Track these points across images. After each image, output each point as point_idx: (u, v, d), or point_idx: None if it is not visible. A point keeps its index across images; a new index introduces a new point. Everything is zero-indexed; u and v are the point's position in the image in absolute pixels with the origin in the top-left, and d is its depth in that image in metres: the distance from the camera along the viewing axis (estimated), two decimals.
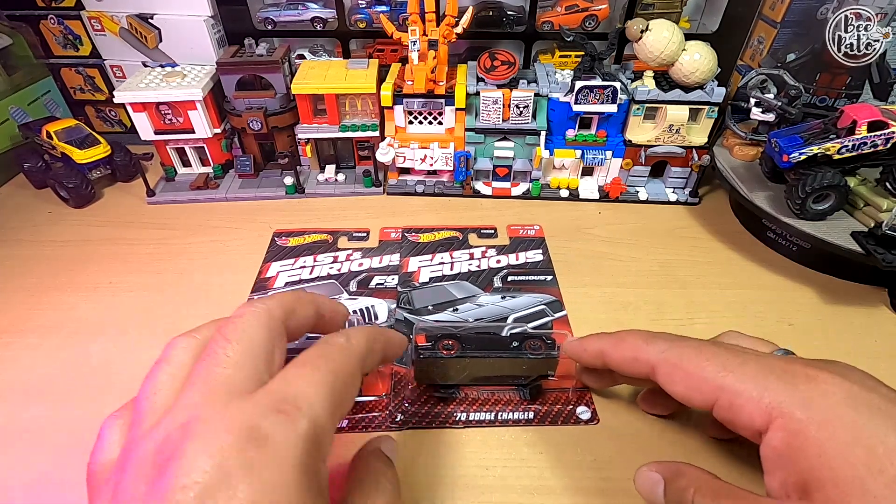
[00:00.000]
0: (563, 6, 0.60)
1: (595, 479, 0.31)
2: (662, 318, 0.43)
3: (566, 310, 0.43)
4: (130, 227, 0.54)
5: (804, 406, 0.22)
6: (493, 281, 0.46)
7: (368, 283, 0.46)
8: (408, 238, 0.51)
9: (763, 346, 0.30)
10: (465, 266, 0.47)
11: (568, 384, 0.36)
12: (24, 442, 0.34)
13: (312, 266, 0.47)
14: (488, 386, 0.36)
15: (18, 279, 0.47)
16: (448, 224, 0.53)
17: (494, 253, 0.49)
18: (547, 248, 0.50)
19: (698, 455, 0.32)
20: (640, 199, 0.57)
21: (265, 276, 0.47)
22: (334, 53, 0.65)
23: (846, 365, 0.25)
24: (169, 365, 0.22)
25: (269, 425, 0.18)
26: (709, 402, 0.25)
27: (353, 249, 0.50)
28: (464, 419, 0.34)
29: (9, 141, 0.61)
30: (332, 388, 0.21)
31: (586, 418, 0.35)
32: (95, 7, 0.58)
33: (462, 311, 0.42)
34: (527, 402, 0.35)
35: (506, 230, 0.52)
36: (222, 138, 0.59)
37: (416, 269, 0.47)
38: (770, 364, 0.25)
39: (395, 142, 0.55)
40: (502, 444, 0.33)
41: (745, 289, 0.46)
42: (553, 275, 0.46)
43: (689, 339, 0.29)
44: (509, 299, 0.43)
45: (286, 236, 0.51)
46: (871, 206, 0.43)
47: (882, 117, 0.41)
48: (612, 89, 0.51)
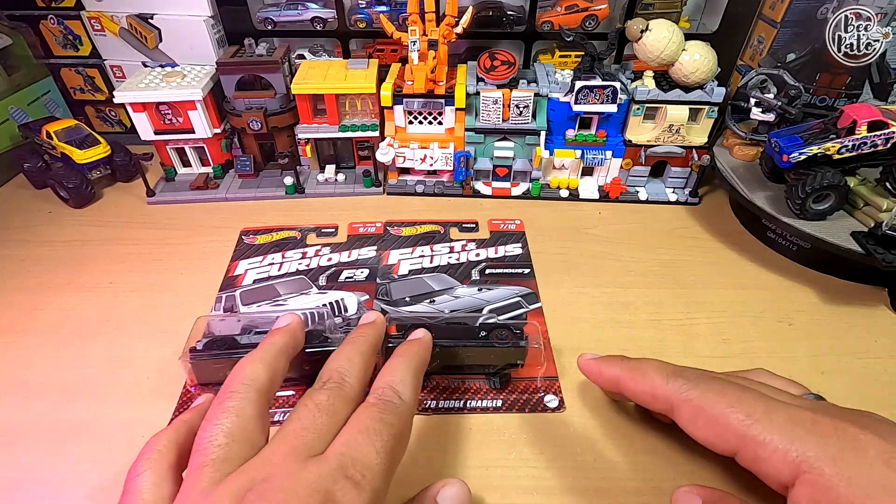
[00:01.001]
0: (563, 6, 0.60)
1: (595, 479, 0.31)
2: (662, 318, 0.43)
3: (542, 302, 0.44)
4: (130, 227, 0.54)
5: (833, 461, 0.21)
6: (472, 274, 0.47)
7: (338, 277, 0.46)
8: (390, 232, 0.52)
9: (793, 387, 0.29)
10: (445, 259, 0.48)
11: (536, 373, 0.37)
12: (25, 442, 0.34)
13: (281, 263, 0.48)
14: (459, 375, 0.37)
15: (18, 279, 0.47)
16: (431, 218, 0.53)
17: (474, 246, 0.50)
18: (526, 242, 0.50)
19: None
20: (640, 199, 0.57)
21: (233, 274, 0.47)
22: (334, 53, 0.65)
23: (879, 417, 0.24)
24: (229, 416, 0.23)
25: (339, 491, 0.20)
26: (732, 450, 0.25)
27: (322, 245, 0.50)
28: (433, 406, 0.35)
29: (9, 141, 0.61)
30: (391, 452, 0.23)
31: (554, 406, 0.35)
32: (95, 7, 0.58)
33: (439, 302, 0.43)
34: (496, 390, 0.36)
35: (487, 224, 0.53)
36: (222, 138, 0.59)
37: (396, 261, 0.48)
38: (798, 415, 0.24)
39: (395, 142, 0.55)
40: (502, 443, 0.33)
41: (745, 289, 0.46)
42: (531, 268, 0.47)
43: (712, 378, 0.27)
44: (486, 291, 0.44)
45: (253, 234, 0.52)
46: (871, 206, 0.43)
47: (882, 117, 0.41)
48: (612, 89, 0.51)
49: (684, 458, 0.32)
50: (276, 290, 0.45)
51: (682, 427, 0.27)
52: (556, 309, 0.43)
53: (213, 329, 0.37)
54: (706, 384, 0.26)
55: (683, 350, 0.40)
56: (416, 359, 0.29)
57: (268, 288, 0.45)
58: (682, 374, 0.28)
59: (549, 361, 0.39)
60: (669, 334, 0.41)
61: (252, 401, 0.24)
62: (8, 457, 0.33)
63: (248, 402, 0.24)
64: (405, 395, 0.26)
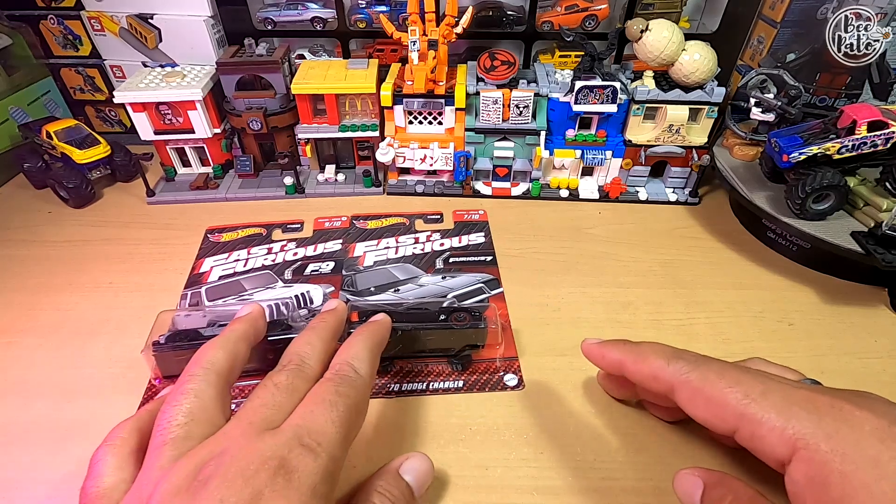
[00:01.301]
0: (562, 6, 0.60)
1: (595, 479, 0.31)
2: (662, 318, 0.43)
3: (503, 287, 0.45)
4: (130, 227, 0.54)
5: (828, 438, 0.22)
6: (436, 263, 0.48)
7: (303, 270, 0.47)
8: (356, 225, 0.52)
9: (790, 374, 0.29)
10: (410, 250, 0.49)
11: (496, 354, 0.38)
12: (25, 442, 0.34)
13: (246, 259, 0.49)
14: (422, 358, 0.38)
15: (18, 279, 0.47)
16: (395, 211, 0.55)
17: (439, 237, 0.51)
18: (489, 231, 0.52)
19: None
20: (640, 199, 0.57)
21: (198, 271, 0.47)
22: (334, 53, 0.65)
23: (874, 396, 0.24)
24: (188, 398, 0.24)
25: (294, 458, 0.21)
26: (730, 429, 0.25)
27: (287, 240, 0.51)
28: (396, 390, 0.36)
29: (9, 141, 0.61)
30: (347, 422, 0.24)
31: (513, 385, 0.37)
32: (95, 7, 0.58)
33: (403, 291, 0.44)
34: (458, 372, 0.37)
35: (451, 215, 0.54)
36: (222, 138, 0.59)
37: (361, 253, 0.49)
38: (794, 393, 0.24)
39: (395, 142, 0.55)
40: (502, 443, 0.33)
41: (745, 289, 0.46)
42: (493, 255, 0.49)
43: (712, 360, 0.28)
44: (449, 279, 0.45)
45: (219, 232, 0.52)
46: (870, 205, 0.43)
47: (882, 117, 0.41)
48: (612, 89, 0.51)
49: (685, 457, 0.32)
50: (241, 286, 0.45)
51: (682, 407, 0.27)
52: (557, 309, 0.43)
53: (178, 325, 0.37)
54: (706, 366, 0.27)
55: None
56: (374, 337, 0.30)
57: (233, 283, 0.45)
58: (683, 356, 0.28)
59: (510, 342, 0.40)
60: (669, 334, 0.41)
61: (211, 383, 0.25)
62: (8, 457, 0.33)
63: (208, 384, 0.25)
64: (361, 369, 0.27)
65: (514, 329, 0.41)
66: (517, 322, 0.42)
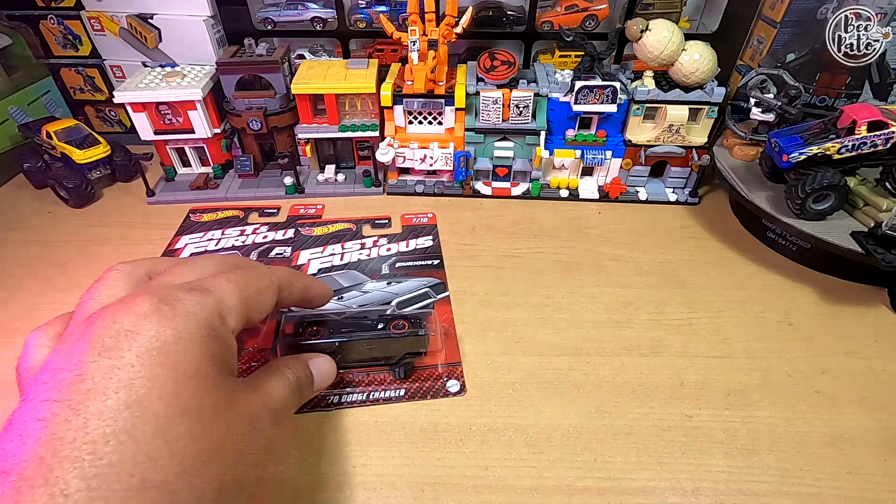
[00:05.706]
0: (562, 6, 0.60)
1: (595, 479, 0.31)
2: (662, 318, 0.43)
3: (449, 291, 0.45)
4: (130, 227, 0.54)
5: None
6: (382, 268, 0.47)
7: (268, 252, 0.49)
8: (301, 233, 0.52)
9: None
10: (356, 256, 0.49)
11: (438, 361, 0.38)
12: None
13: (219, 238, 0.51)
14: (363, 368, 0.37)
15: (18, 279, 0.47)
16: (344, 217, 0.55)
17: (386, 242, 0.51)
18: (438, 234, 0.51)
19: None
20: (640, 199, 0.57)
21: (173, 247, 0.49)
22: (334, 53, 0.65)
23: None
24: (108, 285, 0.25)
25: (182, 294, 0.23)
26: None
27: (260, 224, 0.53)
28: (336, 402, 0.35)
29: (9, 141, 0.61)
30: (244, 287, 0.26)
31: (455, 390, 0.36)
32: (95, 7, 0.58)
33: (347, 298, 0.43)
34: (400, 380, 0.37)
35: (399, 219, 0.54)
36: (222, 138, 0.59)
37: (305, 261, 0.48)
38: None
39: (395, 142, 0.55)
40: (502, 444, 0.33)
41: (745, 289, 0.46)
42: (441, 258, 0.48)
43: None
44: (394, 284, 0.45)
45: (200, 213, 0.54)
46: (870, 206, 0.43)
47: (882, 117, 0.41)
48: (612, 89, 0.51)
49: (684, 457, 0.32)
50: None
51: None
52: (557, 309, 0.43)
53: None
54: None
55: (683, 350, 0.40)
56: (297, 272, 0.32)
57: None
58: None
59: (453, 348, 0.39)
60: (669, 334, 0.41)
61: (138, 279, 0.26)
62: None
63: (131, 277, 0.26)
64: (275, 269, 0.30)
65: (459, 336, 0.40)
66: (518, 321, 0.42)
